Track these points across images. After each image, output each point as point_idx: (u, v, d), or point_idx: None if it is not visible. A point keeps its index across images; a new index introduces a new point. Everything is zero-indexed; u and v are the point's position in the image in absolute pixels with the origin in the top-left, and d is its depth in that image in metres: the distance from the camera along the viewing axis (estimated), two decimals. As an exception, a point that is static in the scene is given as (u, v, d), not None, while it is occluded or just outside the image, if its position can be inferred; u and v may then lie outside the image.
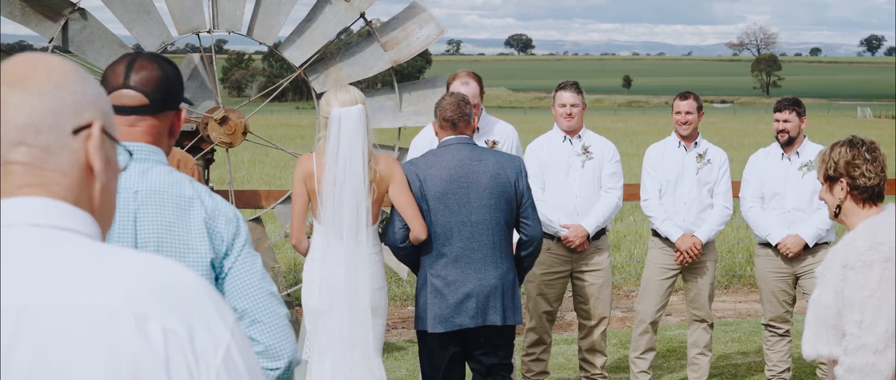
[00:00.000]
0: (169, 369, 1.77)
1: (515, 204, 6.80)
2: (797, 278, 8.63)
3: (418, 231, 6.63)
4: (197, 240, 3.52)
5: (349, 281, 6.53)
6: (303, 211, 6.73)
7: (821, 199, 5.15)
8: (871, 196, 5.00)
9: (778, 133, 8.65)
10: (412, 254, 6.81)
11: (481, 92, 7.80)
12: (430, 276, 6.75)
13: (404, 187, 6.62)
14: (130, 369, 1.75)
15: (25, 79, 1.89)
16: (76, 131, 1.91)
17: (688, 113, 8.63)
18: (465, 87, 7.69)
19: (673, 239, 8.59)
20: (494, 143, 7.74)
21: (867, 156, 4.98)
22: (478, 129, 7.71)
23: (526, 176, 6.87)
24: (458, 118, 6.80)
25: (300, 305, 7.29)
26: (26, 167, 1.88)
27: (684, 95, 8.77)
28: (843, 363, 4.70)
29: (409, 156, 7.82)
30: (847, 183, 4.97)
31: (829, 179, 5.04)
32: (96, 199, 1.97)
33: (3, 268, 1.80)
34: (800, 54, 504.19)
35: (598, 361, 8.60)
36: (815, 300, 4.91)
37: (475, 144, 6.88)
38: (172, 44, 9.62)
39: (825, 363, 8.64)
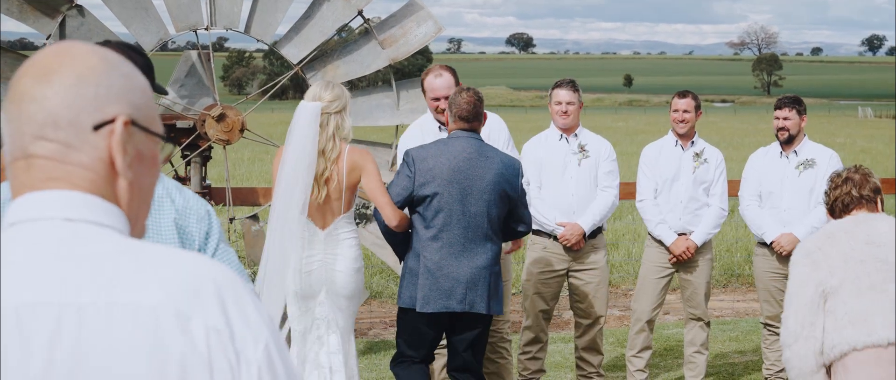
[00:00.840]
0: (212, 367, 1.77)
1: (511, 203, 6.96)
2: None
3: (389, 217, 6.84)
4: (168, 240, 3.46)
5: (325, 268, 6.83)
6: None
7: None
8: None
9: (778, 131, 8.65)
10: (405, 241, 7.04)
11: (457, 83, 7.67)
12: (423, 258, 6.89)
13: (375, 177, 6.83)
14: (177, 369, 1.75)
15: (50, 72, 1.87)
16: (97, 127, 1.89)
17: (685, 111, 8.63)
18: (438, 79, 7.67)
19: (667, 243, 8.59)
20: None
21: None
22: None
23: (522, 177, 7.06)
24: (473, 116, 6.97)
25: None
26: (49, 161, 1.86)
27: (682, 94, 8.77)
28: (782, 357, 4.88)
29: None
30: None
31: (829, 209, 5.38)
32: (123, 195, 1.94)
33: (41, 264, 1.79)
34: (801, 54, 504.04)
35: (595, 359, 8.60)
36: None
37: (483, 141, 7.01)
38: (173, 41, 9.62)
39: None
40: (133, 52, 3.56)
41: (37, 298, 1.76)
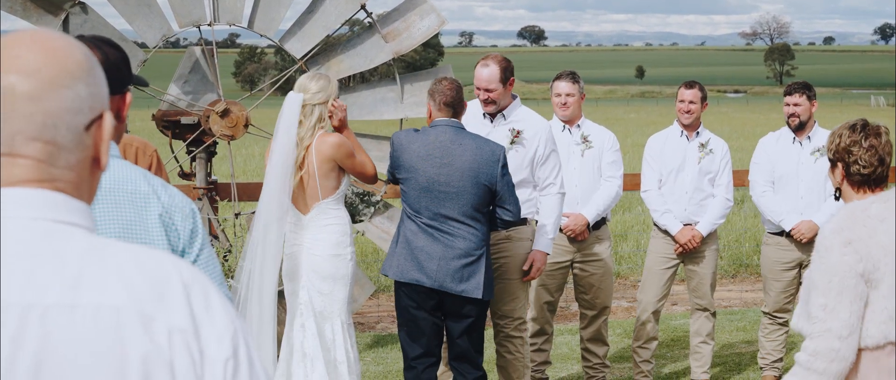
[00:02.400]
0: (174, 368, 1.78)
1: (490, 190, 6.97)
2: (801, 266, 8.61)
3: (368, 169, 7.16)
4: (155, 238, 3.44)
5: (305, 252, 7.05)
6: None
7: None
8: (865, 182, 4.97)
9: (789, 117, 8.63)
10: None
11: (507, 78, 7.54)
12: (404, 230, 7.04)
13: (348, 161, 6.99)
14: (139, 370, 1.76)
15: (42, 69, 1.85)
16: (89, 126, 1.89)
17: (691, 102, 8.61)
18: (485, 69, 7.53)
19: (672, 232, 8.59)
20: (518, 132, 7.57)
21: (865, 143, 4.94)
22: (503, 116, 7.59)
23: (503, 165, 6.95)
24: (457, 103, 7.01)
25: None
26: (37, 163, 1.85)
27: (690, 84, 8.75)
28: (807, 348, 4.68)
29: None
30: (842, 168, 4.95)
31: (831, 162, 5.03)
32: (94, 187, 1.95)
33: (6, 264, 1.79)
34: (813, 43, 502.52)
35: (600, 350, 8.60)
36: (805, 276, 4.93)
37: (462, 128, 7.02)
38: (184, 38, 9.63)
39: None
40: (106, 46, 3.52)
41: (2, 297, 1.76)
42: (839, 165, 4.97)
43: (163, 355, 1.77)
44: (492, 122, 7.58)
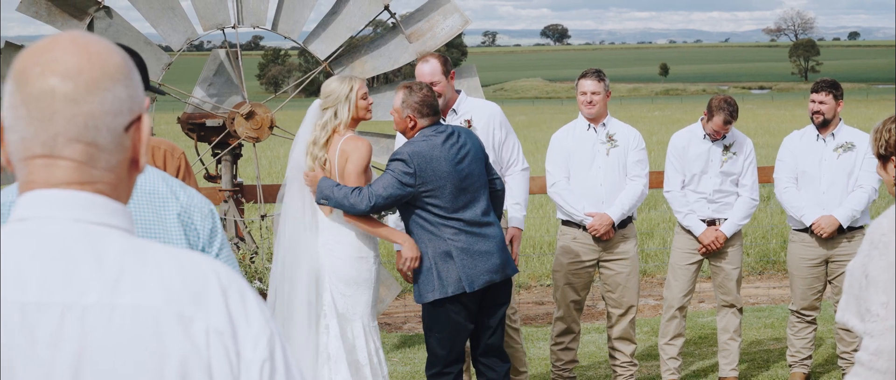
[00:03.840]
0: (211, 368, 1.79)
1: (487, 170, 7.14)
2: (827, 262, 8.58)
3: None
4: (174, 237, 3.46)
5: (328, 253, 7.06)
6: None
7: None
8: None
9: (813, 114, 8.59)
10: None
11: (448, 72, 7.81)
12: (451, 243, 6.89)
13: (356, 163, 6.93)
14: (177, 370, 1.77)
15: (83, 72, 1.86)
16: (128, 128, 1.91)
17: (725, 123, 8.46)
18: (426, 65, 7.76)
19: (696, 233, 8.56)
20: (469, 122, 7.81)
21: None
22: (455, 111, 7.83)
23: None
24: (437, 105, 7.06)
25: None
26: (78, 165, 1.86)
27: (719, 105, 8.55)
28: (869, 347, 4.59)
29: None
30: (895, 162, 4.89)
31: (881, 157, 4.96)
32: (131, 188, 1.97)
33: (47, 263, 1.80)
34: (838, 39, 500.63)
35: (628, 349, 8.58)
36: (850, 269, 4.83)
37: (447, 125, 7.11)
38: (208, 41, 9.67)
39: (846, 355, 8.64)
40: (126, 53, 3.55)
41: (41, 297, 1.77)
42: (893, 159, 4.91)
43: (201, 356, 1.79)
44: (444, 118, 7.75)
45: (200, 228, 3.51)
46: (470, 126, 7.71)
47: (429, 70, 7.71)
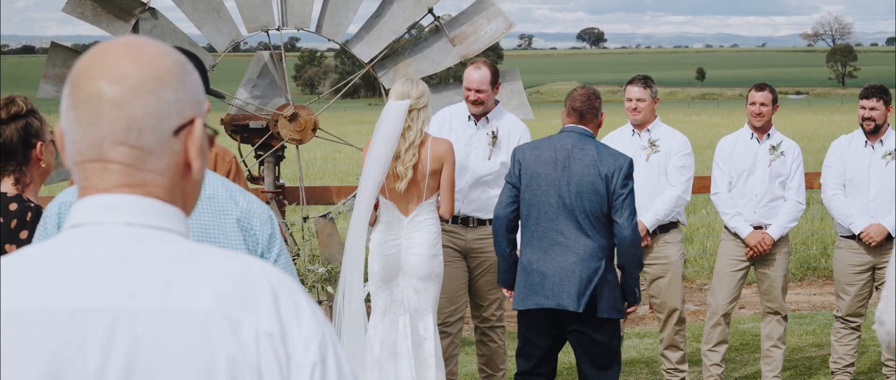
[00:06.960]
0: (260, 372, 1.78)
1: (606, 199, 6.70)
2: (874, 269, 8.53)
3: (445, 211, 7.42)
4: (233, 242, 3.46)
5: (403, 252, 7.35)
6: None
7: None
8: None
9: (863, 121, 8.55)
10: (499, 230, 6.95)
11: (495, 82, 8.00)
12: (521, 256, 6.91)
13: (450, 170, 7.30)
14: (227, 374, 1.77)
15: (128, 76, 1.86)
16: (177, 131, 1.90)
17: (762, 105, 8.53)
18: (477, 71, 7.92)
19: (742, 235, 8.52)
20: (494, 133, 7.98)
21: None
22: (487, 119, 8.04)
23: (626, 176, 6.72)
24: (586, 109, 6.92)
25: None
26: (126, 168, 1.87)
27: (760, 87, 8.66)
28: None
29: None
30: None
31: None
32: (190, 193, 1.96)
33: (98, 269, 1.81)
34: (875, 44, 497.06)
35: (674, 356, 8.57)
36: (889, 272, 4.82)
37: (587, 135, 6.87)
38: (245, 42, 9.70)
39: (891, 363, 8.58)
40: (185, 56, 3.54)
41: (92, 303, 1.78)
42: None
43: (250, 359, 1.78)
44: (476, 124, 7.99)
45: (259, 234, 3.50)
46: (495, 137, 7.96)
47: (478, 77, 7.88)
